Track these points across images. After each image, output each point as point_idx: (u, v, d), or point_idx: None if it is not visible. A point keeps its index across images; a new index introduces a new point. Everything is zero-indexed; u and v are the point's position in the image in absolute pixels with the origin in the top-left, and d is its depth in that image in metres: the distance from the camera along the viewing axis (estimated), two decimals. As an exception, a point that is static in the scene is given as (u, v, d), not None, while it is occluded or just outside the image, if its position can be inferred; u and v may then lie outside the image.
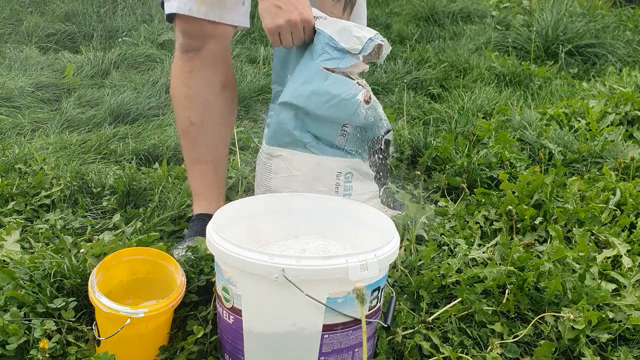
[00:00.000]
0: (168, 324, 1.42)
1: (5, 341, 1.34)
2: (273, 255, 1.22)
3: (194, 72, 1.74)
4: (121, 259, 1.46)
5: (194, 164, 1.83)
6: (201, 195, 1.84)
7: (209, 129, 1.79)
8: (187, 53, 1.73)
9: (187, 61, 1.74)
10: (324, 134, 1.65)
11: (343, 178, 1.68)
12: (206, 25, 1.69)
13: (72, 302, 1.45)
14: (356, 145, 1.68)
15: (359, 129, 1.67)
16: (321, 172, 1.66)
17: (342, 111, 1.62)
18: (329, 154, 1.66)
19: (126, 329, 1.29)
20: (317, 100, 1.61)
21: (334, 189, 1.67)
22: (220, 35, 1.73)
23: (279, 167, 1.68)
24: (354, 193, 1.69)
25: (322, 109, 1.61)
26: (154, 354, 1.39)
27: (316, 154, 1.65)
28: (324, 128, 1.65)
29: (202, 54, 1.72)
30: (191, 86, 1.75)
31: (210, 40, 1.71)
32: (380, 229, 1.42)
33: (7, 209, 2.01)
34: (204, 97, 1.76)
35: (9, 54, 3.93)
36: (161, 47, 4.12)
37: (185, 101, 1.77)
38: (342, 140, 1.66)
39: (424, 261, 1.73)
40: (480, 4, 5.44)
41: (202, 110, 1.76)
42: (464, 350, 1.44)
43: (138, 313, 1.30)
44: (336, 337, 1.27)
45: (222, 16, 1.70)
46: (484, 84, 3.61)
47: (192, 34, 1.70)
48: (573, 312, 1.46)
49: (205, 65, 1.74)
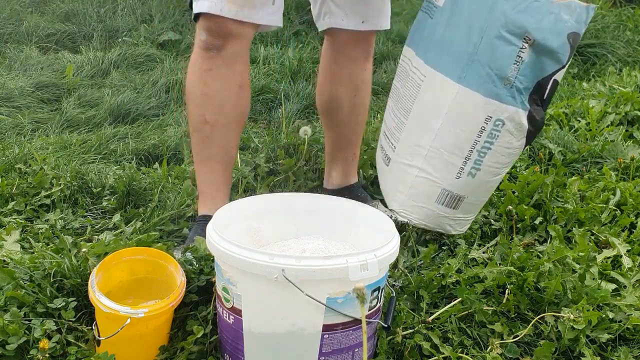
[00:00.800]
0: (168, 324, 1.42)
1: (5, 341, 1.34)
2: (273, 255, 1.22)
3: (212, 71, 1.73)
4: (121, 259, 1.46)
5: (203, 162, 1.82)
6: (207, 194, 1.83)
7: (223, 129, 1.77)
8: (209, 51, 1.71)
9: (207, 59, 1.72)
10: (495, 58, 1.46)
11: (492, 124, 1.52)
12: (232, 24, 1.67)
13: (72, 302, 1.45)
14: (525, 80, 1.48)
15: (535, 55, 1.46)
16: (471, 110, 1.51)
17: (529, 17, 1.41)
18: (490, 94, 1.49)
19: (126, 329, 1.29)
20: (506, 6, 1.42)
21: (476, 132, 1.53)
22: (243, 35, 1.72)
23: (427, 92, 1.54)
24: (497, 146, 1.54)
25: (509, 16, 1.42)
26: (154, 354, 1.39)
27: (473, 89, 1.49)
28: (495, 48, 1.45)
29: (224, 53, 1.71)
30: (209, 84, 1.74)
31: (232, 40, 1.70)
32: (380, 229, 1.42)
33: (7, 209, 2.01)
34: (221, 95, 1.75)
35: (9, 54, 3.93)
36: (161, 47, 4.12)
37: (201, 98, 1.77)
38: (513, 71, 1.46)
39: (424, 261, 1.73)
40: (480, 4, 5.44)
41: (218, 109, 1.75)
42: (464, 350, 1.44)
43: (138, 313, 1.30)
44: (336, 337, 1.27)
45: (251, 16, 1.69)
46: (484, 84, 3.60)
47: (218, 33, 1.68)
48: (573, 312, 1.46)
49: (225, 64, 1.72)
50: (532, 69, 1.47)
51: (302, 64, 3.86)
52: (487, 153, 1.56)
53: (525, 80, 1.48)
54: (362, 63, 2.02)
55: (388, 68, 3.83)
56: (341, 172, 2.15)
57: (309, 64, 3.87)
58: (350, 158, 2.15)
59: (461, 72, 1.49)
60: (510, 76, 1.47)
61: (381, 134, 1.82)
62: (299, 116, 3.23)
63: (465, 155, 1.57)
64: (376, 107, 3.27)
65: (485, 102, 1.49)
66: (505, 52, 1.46)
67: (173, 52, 4.01)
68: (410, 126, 1.62)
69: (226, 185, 1.85)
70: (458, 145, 1.56)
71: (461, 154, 1.57)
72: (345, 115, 2.07)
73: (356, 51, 1.98)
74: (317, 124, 2.96)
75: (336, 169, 2.16)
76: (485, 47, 1.46)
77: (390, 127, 1.69)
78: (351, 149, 2.14)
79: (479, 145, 1.54)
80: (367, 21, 1.90)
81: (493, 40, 1.45)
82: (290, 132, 2.70)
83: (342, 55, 1.99)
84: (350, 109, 2.06)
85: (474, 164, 1.58)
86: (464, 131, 1.53)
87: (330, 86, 2.05)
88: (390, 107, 1.75)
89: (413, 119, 1.61)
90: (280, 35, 4.52)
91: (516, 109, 1.50)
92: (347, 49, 1.98)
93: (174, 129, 2.83)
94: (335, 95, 2.05)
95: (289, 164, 2.26)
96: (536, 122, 1.52)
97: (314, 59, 3.94)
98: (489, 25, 1.45)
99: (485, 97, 1.49)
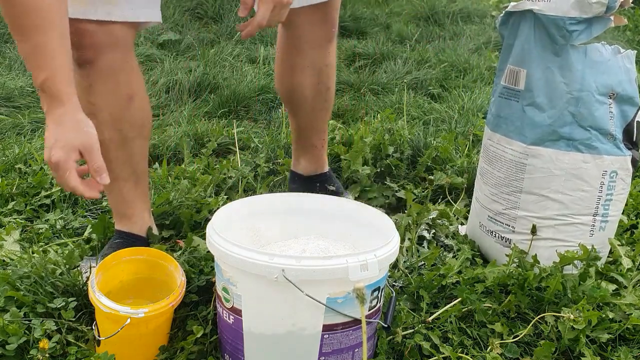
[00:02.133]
0: (168, 324, 1.42)
1: (5, 341, 1.34)
2: (273, 255, 1.22)
3: (93, 87, 1.55)
4: (121, 259, 1.46)
5: (111, 181, 1.58)
6: (121, 214, 1.72)
7: (121, 146, 1.62)
8: (82, 67, 1.52)
9: (84, 76, 1.54)
10: (596, 120, 1.62)
11: (608, 177, 1.66)
12: (94, 31, 1.48)
13: (72, 302, 1.45)
14: (618, 131, 1.65)
15: (619, 106, 1.64)
16: (587, 171, 1.64)
17: (610, 75, 1.61)
18: (599, 151, 1.64)
19: (126, 329, 1.29)
20: (589, 79, 1.60)
21: (597, 188, 1.66)
22: (114, 42, 1.52)
23: (536, 168, 1.67)
24: (616, 195, 1.68)
25: (598, 81, 1.60)
26: (154, 354, 1.39)
27: (583, 152, 1.64)
28: (594, 111, 1.62)
29: (98, 66, 1.52)
30: (93, 102, 1.55)
31: (103, 50, 1.51)
32: (380, 229, 1.42)
33: (7, 209, 2.01)
34: (108, 112, 1.58)
35: (9, 54, 3.93)
36: (161, 47, 4.12)
37: (90, 118, 1.60)
38: (612, 125, 1.63)
39: (427, 263, 1.73)
40: (480, 4, 5.44)
41: (109, 127, 1.58)
42: (464, 350, 1.44)
43: (138, 313, 1.30)
44: (336, 337, 1.27)
45: (110, 12, 1.47)
46: (484, 84, 3.61)
47: (80, 44, 1.47)
48: (573, 312, 1.46)
49: (103, 78, 1.54)
50: (618, 119, 1.65)
51: (302, 64, 3.85)
52: (610, 204, 1.69)
53: (618, 130, 1.65)
54: (326, 45, 1.86)
55: (388, 68, 3.82)
56: (310, 161, 2.07)
57: (309, 64, 3.86)
58: (320, 145, 2.05)
59: (568, 141, 1.64)
60: (612, 131, 1.64)
61: (485, 220, 1.83)
62: (299, 116, 3.22)
63: (593, 213, 1.68)
64: (376, 107, 3.27)
65: (598, 160, 1.64)
66: (602, 112, 1.63)
67: (173, 52, 4.01)
68: (526, 204, 1.71)
69: (143, 199, 1.73)
70: (584, 206, 1.68)
71: (589, 212, 1.68)
72: (310, 103, 1.94)
73: (317, 33, 1.82)
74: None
75: (305, 157, 2.08)
76: (584, 112, 1.62)
77: (500, 210, 1.77)
78: (320, 135, 2.04)
79: (602, 200, 1.68)
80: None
81: (590, 105, 1.62)
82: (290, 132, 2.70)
83: (301, 41, 1.83)
84: (315, 96, 1.93)
85: (602, 218, 1.70)
86: (586, 191, 1.66)
87: (292, 76, 1.90)
88: (488, 192, 1.80)
89: (527, 196, 1.70)
90: (280, 35, 4.51)
91: (624, 157, 1.66)
92: (306, 33, 1.81)
93: (174, 129, 2.83)
94: (297, 84, 1.90)
95: (289, 164, 2.26)
96: (635, 163, 1.70)
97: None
98: (583, 93, 1.61)
99: (598, 155, 1.64)
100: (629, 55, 1.65)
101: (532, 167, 1.68)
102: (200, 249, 1.67)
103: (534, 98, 1.66)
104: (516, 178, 1.71)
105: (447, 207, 2.09)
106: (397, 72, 3.74)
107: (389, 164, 2.32)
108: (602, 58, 1.61)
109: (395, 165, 2.33)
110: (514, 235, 1.74)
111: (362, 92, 3.53)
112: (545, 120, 1.65)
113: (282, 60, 1.93)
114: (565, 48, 1.60)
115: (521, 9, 1.68)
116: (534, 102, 1.66)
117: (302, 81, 1.90)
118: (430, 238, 1.91)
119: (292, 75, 1.90)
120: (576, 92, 1.61)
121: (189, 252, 1.65)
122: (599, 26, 1.58)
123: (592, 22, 1.58)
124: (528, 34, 1.67)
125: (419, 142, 2.50)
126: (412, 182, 2.31)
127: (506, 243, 1.76)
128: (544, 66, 1.64)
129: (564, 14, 1.58)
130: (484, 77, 3.71)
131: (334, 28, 1.85)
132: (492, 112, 1.80)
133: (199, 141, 2.72)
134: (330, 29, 1.84)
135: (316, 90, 1.92)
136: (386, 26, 4.89)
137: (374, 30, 4.81)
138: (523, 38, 1.69)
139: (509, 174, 1.73)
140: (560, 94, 1.63)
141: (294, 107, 2.00)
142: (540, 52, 1.64)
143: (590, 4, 1.55)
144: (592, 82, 1.61)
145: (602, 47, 1.61)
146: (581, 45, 1.59)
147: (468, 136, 2.63)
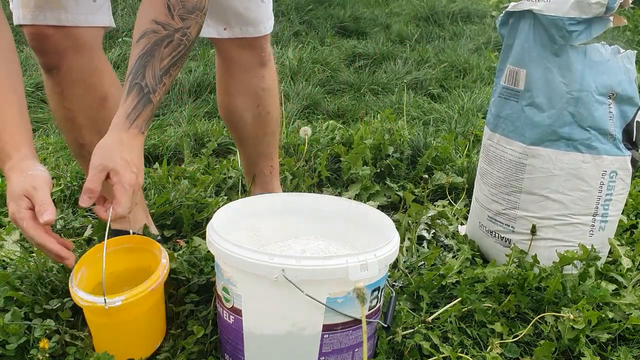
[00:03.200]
0: (158, 310, 1.39)
1: (5, 341, 1.34)
2: (273, 255, 1.22)
3: (65, 93, 1.53)
4: (109, 250, 1.41)
5: None
6: None
7: None
8: (50, 73, 1.50)
9: (55, 83, 1.52)
10: (596, 120, 1.63)
11: (608, 177, 1.67)
12: (52, 34, 1.45)
13: (68, 302, 1.45)
14: (617, 131, 1.65)
15: (619, 107, 1.64)
16: (587, 171, 1.65)
17: (610, 75, 1.61)
18: (599, 151, 1.64)
19: (109, 319, 1.28)
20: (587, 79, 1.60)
21: (597, 188, 1.66)
22: (76, 45, 1.49)
23: (535, 168, 1.68)
24: (615, 194, 1.69)
25: (598, 81, 1.60)
26: (152, 344, 1.38)
27: (583, 152, 1.64)
28: (594, 111, 1.62)
29: (64, 71, 1.50)
30: (68, 107, 1.54)
31: (66, 54, 1.48)
32: (380, 229, 1.42)
33: (7, 209, 2.00)
34: (85, 116, 1.56)
35: (9, 54, 3.92)
36: (161, 47, 4.11)
37: (67, 124, 1.58)
38: (611, 125, 1.63)
39: (427, 263, 1.73)
40: (480, 4, 5.44)
41: (88, 129, 1.58)
42: (464, 350, 1.44)
43: (115, 302, 1.25)
44: (336, 337, 1.27)
45: (59, 18, 1.45)
46: (484, 84, 3.61)
47: (42, 49, 1.46)
48: (573, 312, 1.46)
49: (73, 82, 1.52)
50: (618, 119, 1.65)
51: (302, 64, 3.86)
52: (609, 204, 1.69)
53: (617, 131, 1.66)
54: (258, 70, 1.86)
55: (388, 68, 3.83)
56: (261, 188, 2.03)
57: (309, 64, 3.87)
58: (268, 172, 2.02)
59: (567, 142, 1.64)
60: (611, 131, 1.64)
61: (484, 220, 1.83)
62: (299, 116, 3.23)
63: (593, 212, 1.69)
64: (376, 107, 3.27)
65: (598, 160, 1.65)
66: (602, 112, 1.63)
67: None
68: (525, 204, 1.72)
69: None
70: (584, 206, 1.68)
71: (588, 212, 1.68)
72: (251, 128, 1.93)
73: (246, 58, 1.83)
74: (317, 124, 2.96)
75: (255, 184, 2.04)
76: (584, 112, 1.62)
77: (500, 210, 1.77)
78: (267, 162, 2.00)
79: (602, 200, 1.68)
80: (229, 28, 1.76)
81: (589, 105, 1.62)
82: (290, 132, 2.71)
83: (232, 64, 1.84)
84: (255, 121, 1.92)
85: (602, 218, 1.70)
86: (586, 191, 1.66)
87: (228, 97, 1.90)
88: (488, 192, 1.80)
89: (526, 196, 1.71)
90: (280, 36, 4.52)
91: (623, 157, 1.66)
92: (235, 57, 1.83)
93: (174, 129, 2.83)
94: (234, 107, 1.90)
95: (289, 164, 2.26)
96: (635, 163, 1.70)
97: (313, 59, 3.94)
98: (583, 94, 1.62)
99: (597, 155, 1.64)
100: (629, 56, 1.65)
101: (532, 167, 1.68)
102: (201, 248, 1.67)
103: (534, 98, 1.66)
104: (516, 178, 1.71)
105: (447, 207, 2.09)
106: (397, 72, 3.75)
107: (389, 164, 2.33)
108: (602, 58, 1.61)
109: (395, 165, 2.33)
110: (513, 235, 1.74)
111: (362, 92, 3.54)
112: (544, 121, 1.65)
113: (218, 83, 1.93)
114: (564, 48, 1.61)
115: (521, 9, 1.68)
116: (534, 102, 1.66)
117: (239, 104, 1.90)
118: (430, 238, 1.92)
119: (228, 97, 1.91)
120: (576, 92, 1.61)
121: (189, 252, 1.65)
122: (598, 26, 1.59)
123: (592, 22, 1.58)
124: (528, 34, 1.67)
125: (418, 142, 2.50)
126: (412, 182, 2.31)
127: (506, 243, 1.76)
128: (544, 66, 1.64)
129: (564, 15, 1.58)
130: (483, 77, 3.72)
131: (264, 52, 1.85)
132: (492, 112, 1.80)
133: (199, 141, 2.73)
134: (259, 53, 1.84)
135: (255, 114, 1.91)
136: (386, 26, 4.89)
137: (374, 30, 4.82)
138: (523, 38, 1.69)
139: (509, 174, 1.73)
140: (560, 94, 1.63)
141: (236, 132, 1.98)
142: (539, 52, 1.65)
143: (589, 5, 1.56)
144: (591, 82, 1.61)
145: (602, 48, 1.62)
146: (581, 46, 1.60)
147: (468, 136, 2.63)
